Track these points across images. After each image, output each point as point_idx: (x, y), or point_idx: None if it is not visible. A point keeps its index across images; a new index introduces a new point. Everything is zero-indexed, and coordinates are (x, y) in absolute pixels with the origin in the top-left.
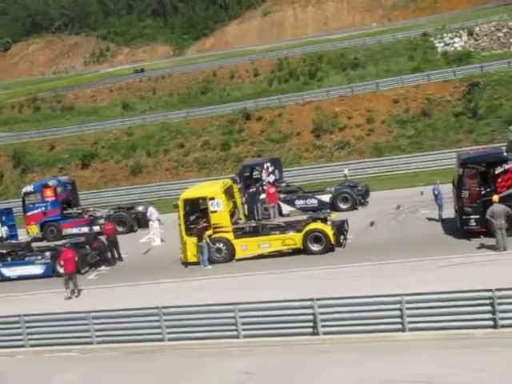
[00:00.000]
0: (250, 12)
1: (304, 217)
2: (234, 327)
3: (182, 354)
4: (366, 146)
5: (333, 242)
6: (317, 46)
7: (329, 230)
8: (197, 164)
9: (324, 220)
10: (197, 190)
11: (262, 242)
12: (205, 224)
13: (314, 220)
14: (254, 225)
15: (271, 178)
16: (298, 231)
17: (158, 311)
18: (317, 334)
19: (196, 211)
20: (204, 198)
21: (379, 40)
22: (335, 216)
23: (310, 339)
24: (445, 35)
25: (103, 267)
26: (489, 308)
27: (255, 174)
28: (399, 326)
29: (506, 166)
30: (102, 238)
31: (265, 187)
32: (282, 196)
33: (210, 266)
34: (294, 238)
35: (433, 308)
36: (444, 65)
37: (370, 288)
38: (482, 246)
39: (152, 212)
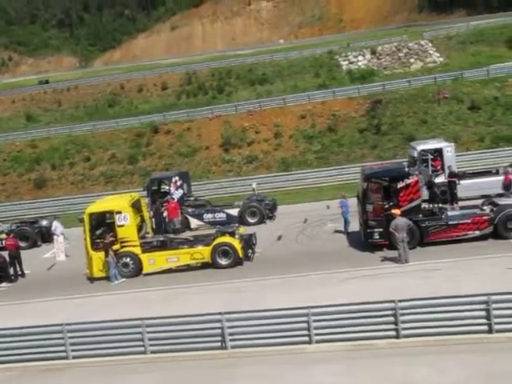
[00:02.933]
0: (158, 25)
1: (212, 231)
2: (140, 343)
3: (87, 372)
4: (274, 160)
5: (241, 255)
6: (225, 61)
7: (237, 244)
8: (103, 177)
9: (232, 234)
10: (103, 203)
11: (170, 256)
12: (112, 238)
13: (223, 234)
14: (162, 239)
15: (179, 192)
16: (207, 245)
17: (61, 328)
18: (225, 347)
19: (102, 225)
20: (111, 212)
21: (286, 56)
22: (243, 230)
23: (218, 353)
24: (349, 53)
25: (4, 284)
26: (392, 319)
27: (163, 187)
28: (306, 338)
29: (408, 181)
30: (4, 253)
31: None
32: (190, 210)
33: (121, 280)
34: (203, 252)
35: (338, 320)
36: (349, 82)
37: (277, 301)
38: (386, 259)
39: (56, 226)
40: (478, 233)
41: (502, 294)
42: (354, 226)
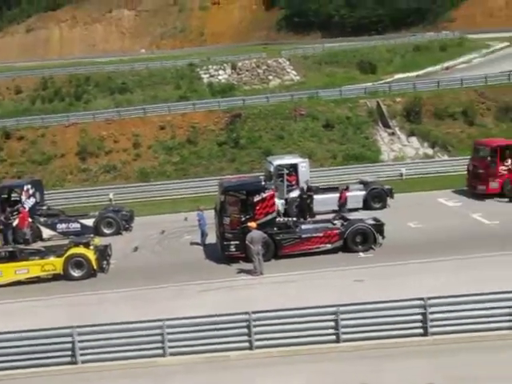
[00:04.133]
0: (12, 27)
1: (66, 241)
2: None
3: None
4: (132, 170)
5: (95, 267)
6: (84, 68)
7: (91, 255)
8: None
9: (86, 245)
10: None
11: (18, 268)
12: None
13: (76, 245)
14: (11, 249)
15: (31, 201)
16: (59, 256)
17: None
18: (75, 362)
19: None
20: None
21: (147, 66)
22: (98, 241)
23: (69, 368)
24: (210, 67)
25: None
26: (245, 330)
27: (14, 196)
28: (160, 351)
29: (264, 195)
30: None
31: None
32: (42, 220)
33: None
34: (54, 264)
35: (193, 332)
36: (209, 95)
37: (132, 314)
38: (241, 271)
39: None
40: (329, 246)
41: (349, 304)
42: (211, 238)
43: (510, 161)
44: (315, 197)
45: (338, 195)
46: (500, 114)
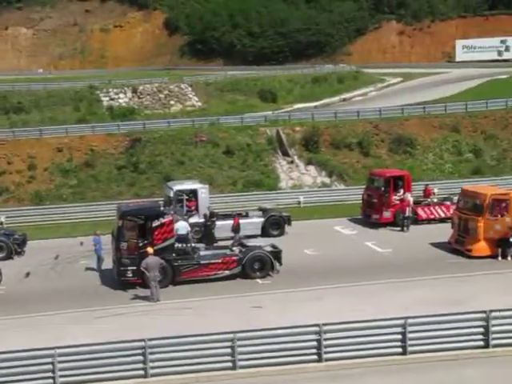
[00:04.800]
0: None
1: None
2: None
3: None
4: (26, 193)
5: None
6: None
7: None
8: None
9: None
10: None
11: None
12: None
13: None
14: None
15: None
16: None
17: None
18: None
19: None
20: None
21: (45, 87)
22: None
23: None
24: (110, 90)
25: None
26: (141, 358)
27: None
28: (50, 380)
29: (163, 220)
30: None
31: None
32: None
33: None
34: None
35: (85, 360)
36: (109, 118)
37: (22, 342)
38: (138, 297)
39: None
40: (227, 272)
41: (246, 331)
42: (108, 263)
43: (402, 191)
44: (217, 223)
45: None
46: (393, 145)
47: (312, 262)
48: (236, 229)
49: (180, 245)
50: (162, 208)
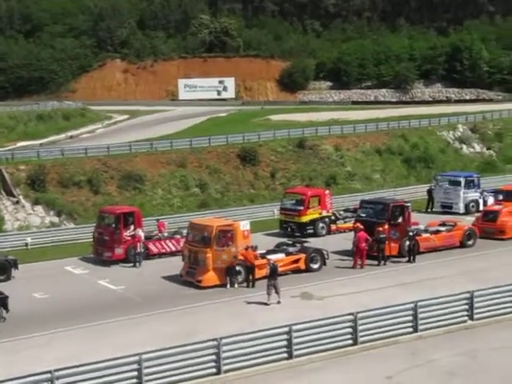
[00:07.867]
0: None
1: None
2: None
3: None
4: None
5: None
6: None
7: None
8: None
9: None
10: None
11: None
12: None
13: None
14: None
15: None
16: None
17: None
18: None
19: None
20: None
21: None
22: None
23: None
24: None
25: None
26: None
27: None
28: None
29: None
30: None
31: None
32: None
33: None
34: None
35: None
36: None
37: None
38: None
39: None
40: None
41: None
42: None
43: (132, 227)
44: None
45: None
46: (123, 182)
47: (41, 305)
48: None
49: None
50: None
